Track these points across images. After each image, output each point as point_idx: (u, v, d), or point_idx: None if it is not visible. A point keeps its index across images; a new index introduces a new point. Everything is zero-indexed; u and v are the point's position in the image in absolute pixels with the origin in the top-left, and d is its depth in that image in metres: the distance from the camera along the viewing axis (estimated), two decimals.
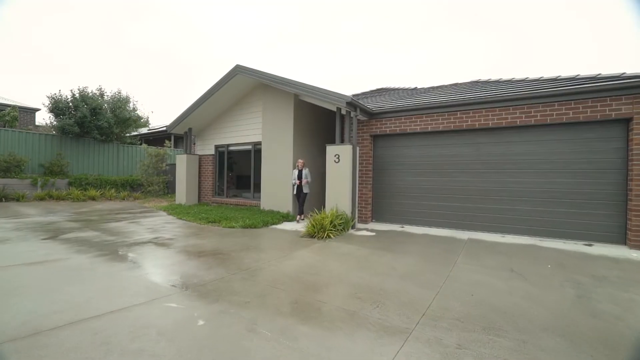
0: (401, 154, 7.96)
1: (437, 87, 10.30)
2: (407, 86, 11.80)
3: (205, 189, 11.54)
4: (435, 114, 7.28)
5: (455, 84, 10.14)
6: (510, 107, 6.46)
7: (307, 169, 8.14)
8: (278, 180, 8.87)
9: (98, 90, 14.89)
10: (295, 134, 8.79)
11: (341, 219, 6.99)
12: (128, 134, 17.30)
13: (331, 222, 6.64)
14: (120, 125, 15.21)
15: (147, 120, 27.35)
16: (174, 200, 11.99)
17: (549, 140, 6.31)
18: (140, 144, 17.52)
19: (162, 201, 13.24)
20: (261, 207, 9.46)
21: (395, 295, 3.49)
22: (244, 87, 9.72)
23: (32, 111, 17.58)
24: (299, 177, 7.98)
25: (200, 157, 11.71)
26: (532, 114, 6.27)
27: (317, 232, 6.40)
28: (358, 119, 7.78)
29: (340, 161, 7.32)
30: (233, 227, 7.38)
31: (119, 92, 15.39)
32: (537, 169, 6.41)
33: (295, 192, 8.16)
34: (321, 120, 9.94)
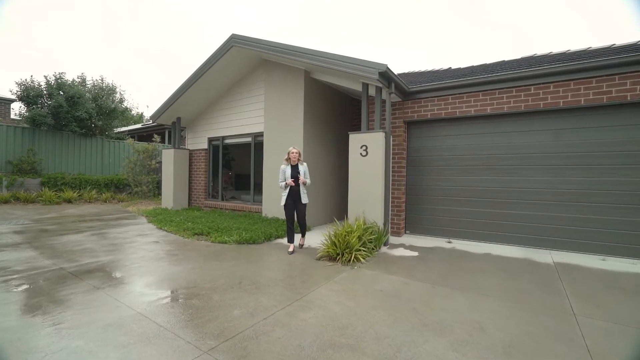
0: (446, 145, 6.08)
1: (479, 66, 8.38)
2: (436, 68, 9.88)
3: (197, 190, 9.71)
4: (497, 91, 5.38)
5: (502, 61, 8.21)
6: (617, 76, 4.55)
7: (305, 164, 5.19)
8: None
9: (79, 77, 13.13)
10: (306, 121, 6.93)
11: (371, 232, 5.12)
12: (116, 129, 15.53)
13: (359, 237, 4.78)
14: (105, 118, 13.43)
15: (142, 116, 25.63)
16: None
17: None
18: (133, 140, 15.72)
19: (150, 204, 11.46)
20: (263, 214, 7.61)
21: None
22: (243, 64, 7.88)
23: (7, 102, 15.82)
24: (294, 175, 4.97)
25: (191, 153, 9.89)
26: None
27: (340, 254, 4.54)
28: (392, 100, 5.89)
29: (369, 154, 5.45)
30: (225, 243, 5.54)
31: (102, 79, 13.63)
32: None
33: (285, 202, 4.97)
34: (337, 105, 8.08)
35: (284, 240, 5.81)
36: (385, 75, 5.13)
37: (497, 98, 5.39)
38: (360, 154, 5.52)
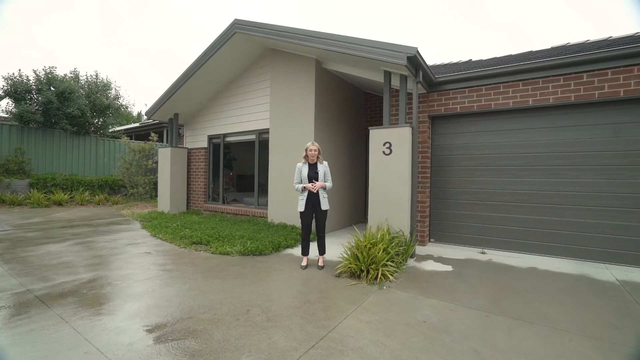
0: (477, 143, 5.36)
1: (504, 57, 7.66)
2: (454, 60, 9.17)
3: (196, 192, 8.99)
4: (542, 80, 4.66)
5: (530, 52, 7.49)
6: None
7: (325, 163, 4.37)
8: (292, 182, 6.29)
9: (72, 72, 12.41)
10: (317, 116, 6.22)
11: (398, 243, 4.40)
12: (112, 127, 14.81)
13: (385, 250, 4.07)
14: (99, 115, 12.71)
15: (141, 115, 24.92)
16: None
17: None
18: (130, 140, 14.98)
19: (146, 206, 10.74)
20: (268, 219, 6.89)
21: None
22: (246, 53, 7.17)
23: None
24: (311, 175, 4.21)
25: (190, 152, 9.17)
26: None
27: (365, 270, 3.82)
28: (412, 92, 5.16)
29: (393, 152, 4.73)
30: (227, 254, 4.82)
31: (96, 75, 12.91)
32: None
33: (304, 209, 4.17)
34: (349, 99, 7.37)
35: (295, 251, 5.09)
36: (414, 61, 4.42)
37: (540, 88, 4.67)
38: (383, 152, 4.80)
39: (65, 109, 10.94)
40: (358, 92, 7.70)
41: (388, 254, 4.03)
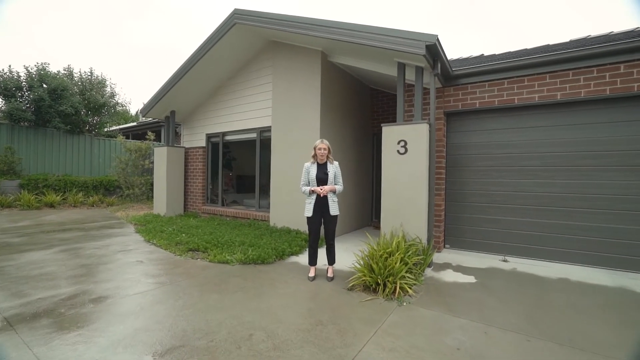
0: (497, 141, 4.95)
1: (518, 52, 7.24)
2: (463, 55, 8.74)
3: (194, 193, 8.57)
4: (572, 72, 4.25)
5: (547, 45, 7.08)
6: None
7: (336, 163, 3.94)
8: (296, 183, 5.87)
9: (65, 69, 11.97)
10: (323, 113, 5.80)
11: (415, 251, 3.99)
12: (107, 126, 14.38)
13: (402, 260, 3.65)
14: (94, 113, 12.28)
15: (138, 114, 24.45)
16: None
17: None
18: (127, 139, 14.53)
19: (142, 208, 10.32)
20: (271, 223, 6.47)
21: None
22: (247, 46, 6.75)
23: None
24: (320, 177, 3.76)
25: (187, 151, 8.74)
26: None
27: (381, 283, 3.40)
28: (427, 87, 4.74)
29: (409, 151, 4.32)
30: (227, 263, 4.40)
31: (91, 72, 12.47)
32: None
33: (311, 214, 3.75)
34: (355, 95, 6.96)
35: (300, 259, 4.68)
36: (433, 50, 4.00)
37: (570, 81, 4.26)
38: (398, 151, 4.39)
39: (57, 107, 10.50)
40: (364, 88, 7.29)
41: (406, 265, 3.62)
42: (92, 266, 4.19)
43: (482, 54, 8.20)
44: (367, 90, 7.44)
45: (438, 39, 3.88)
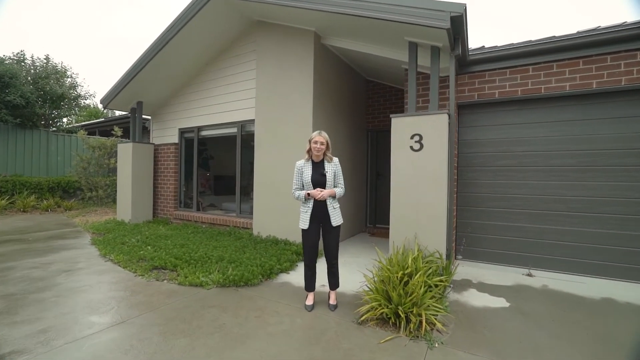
0: (518, 137, 4.32)
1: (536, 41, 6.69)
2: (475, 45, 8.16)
3: (164, 196, 7.51)
4: (610, 57, 3.66)
5: (552, 37, 6.58)
6: None
7: (336, 160, 3.07)
8: (283, 184, 5.02)
9: (15, 55, 10.50)
10: (316, 103, 4.99)
11: (435, 269, 3.26)
12: (70, 122, 12.90)
13: (427, 284, 2.90)
14: (51, 106, 10.86)
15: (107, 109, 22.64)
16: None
17: None
18: (90, 136, 13.04)
19: (107, 212, 9.12)
20: (254, 232, 5.58)
21: None
22: (227, 27, 5.83)
23: None
24: (316, 178, 2.94)
25: (157, 148, 7.67)
26: None
27: (402, 315, 2.63)
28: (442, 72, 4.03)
29: (425, 147, 3.59)
30: (201, 286, 3.50)
31: (47, 59, 11.04)
32: None
33: (307, 225, 2.93)
34: (350, 86, 6.19)
35: (292, 277, 3.85)
36: (458, 24, 3.28)
37: (608, 67, 3.68)
38: (411, 147, 3.65)
39: (4, 97, 9.08)
40: (359, 80, 6.54)
41: (430, 290, 2.88)
42: (18, 297, 3.17)
43: (496, 46, 7.65)
44: (363, 81, 6.69)
45: (465, 9, 3.17)
